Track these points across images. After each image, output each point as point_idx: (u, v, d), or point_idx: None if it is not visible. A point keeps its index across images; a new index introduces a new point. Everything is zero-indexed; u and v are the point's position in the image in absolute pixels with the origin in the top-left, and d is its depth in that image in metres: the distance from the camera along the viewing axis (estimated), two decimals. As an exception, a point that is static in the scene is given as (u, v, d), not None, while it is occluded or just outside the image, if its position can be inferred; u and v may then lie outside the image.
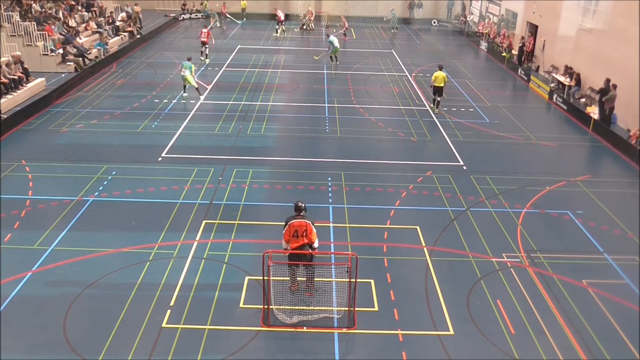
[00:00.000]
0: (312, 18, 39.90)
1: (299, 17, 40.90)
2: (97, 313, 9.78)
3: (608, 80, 20.10)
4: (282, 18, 36.90)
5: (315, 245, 10.00)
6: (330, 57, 28.39)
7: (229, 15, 40.20)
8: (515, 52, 30.43)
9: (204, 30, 28.40)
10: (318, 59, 29.26)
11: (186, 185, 14.69)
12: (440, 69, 21.42)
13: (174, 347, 9.05)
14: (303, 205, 10.05)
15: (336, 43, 27.81)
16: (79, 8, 31.48)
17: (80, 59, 25.88)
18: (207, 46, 28.29)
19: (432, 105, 22.01)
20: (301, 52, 30.86)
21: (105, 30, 30.72)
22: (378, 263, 11.54)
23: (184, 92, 22.17)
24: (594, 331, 9.74)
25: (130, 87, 23.41)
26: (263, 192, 14.59)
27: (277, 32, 36.43)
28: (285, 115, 20.78)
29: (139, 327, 9.44)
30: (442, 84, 21.25)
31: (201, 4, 42.46)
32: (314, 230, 9.93)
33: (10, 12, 25.24)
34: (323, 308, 9.93)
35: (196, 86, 21.87)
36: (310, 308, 9.91)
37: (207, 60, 28.31)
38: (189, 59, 22.00)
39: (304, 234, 9.79)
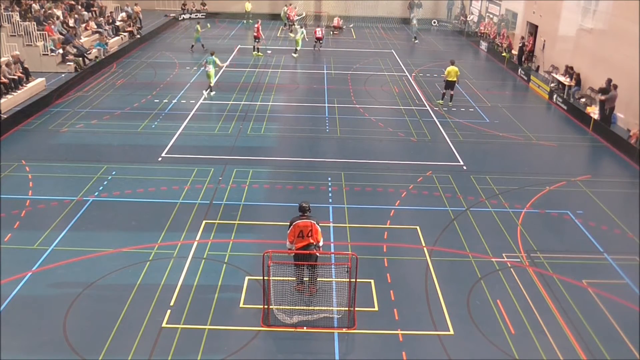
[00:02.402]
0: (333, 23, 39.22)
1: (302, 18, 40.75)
2: (97, 313, 9.78)
3: (609, 81, 20.09)
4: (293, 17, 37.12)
5: (321, 244, 10.01)
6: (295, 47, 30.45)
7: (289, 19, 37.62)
8: (515, 52, 30.41)
9: (256, 25, 30.57)
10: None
11: (186, 185, 14.69)
12: (452, 63, 21.79)
13: (174, 347, 9.05)
14: (307, 205, 10.04)
15: (297, 34, 30.28)
16: (79, 8, 31.47)
17: (80, 59, 25.88)
18: (259, 40, 30.10)
19: (441, 100, 22.45)
20: (301, 52, 30.82)
21: (105, 30, 30.72)
22: (378, 263, 11.54)
23: (211, 91, 22.25)
24: (594, 331, 9.74)
25: (130, 87, 23.40)
26: (263, 192, 14.59)
27: (291, 31, 36.14)
28: (285, 115, 20.78)
29: (139, 327, 9.44)
30: (454, 79, 21.77)
31: (202, 4, 42.41)
32: (319, 230, 9.93)
33: (10, 12, 25.24)
34: (323, 308, 9.93)
35: (212, 84, 21.99)
36: (310, 308, 9.91)
37: (261, 54, 30.32)
38: (212, 54, 22.14)
39: (309, 234, 9.79)
